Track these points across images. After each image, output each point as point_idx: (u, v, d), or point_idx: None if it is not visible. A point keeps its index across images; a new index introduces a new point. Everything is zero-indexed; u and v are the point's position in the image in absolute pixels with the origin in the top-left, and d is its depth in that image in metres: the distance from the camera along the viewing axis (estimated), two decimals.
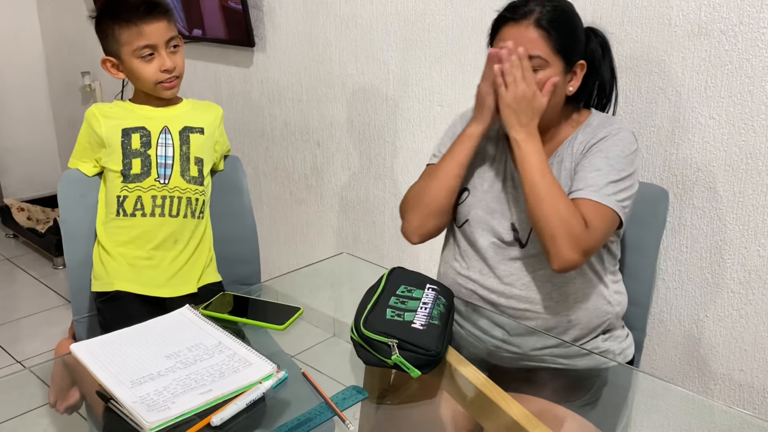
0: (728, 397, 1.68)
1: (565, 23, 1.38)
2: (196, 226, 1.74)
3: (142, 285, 1.68)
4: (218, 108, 1.82)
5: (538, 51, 1.35)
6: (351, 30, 2.29)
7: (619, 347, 1.49)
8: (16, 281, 3.35)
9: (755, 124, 1.51)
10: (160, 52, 1.63)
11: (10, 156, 3.93)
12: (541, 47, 1.35)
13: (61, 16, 3.71)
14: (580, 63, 1.42)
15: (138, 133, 1.67)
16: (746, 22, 1.48)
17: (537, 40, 1.35)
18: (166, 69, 1.64)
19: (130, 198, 1.67)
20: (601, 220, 1.35)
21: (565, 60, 1.38)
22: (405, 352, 1.16)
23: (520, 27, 1.36)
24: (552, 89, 1.37)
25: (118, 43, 1.63)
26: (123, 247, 1.69)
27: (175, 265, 1.71)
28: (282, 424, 1.08)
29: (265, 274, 1.97)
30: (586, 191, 1.35)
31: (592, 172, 1.36)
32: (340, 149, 2.47)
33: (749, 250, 1.57)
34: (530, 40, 1.35)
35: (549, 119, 1.42)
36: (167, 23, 1.64)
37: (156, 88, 1.66)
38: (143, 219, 1.67)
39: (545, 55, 1.36)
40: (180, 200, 1.70)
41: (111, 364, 1.18)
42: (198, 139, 1.72)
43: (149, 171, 1.67)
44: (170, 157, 1.69)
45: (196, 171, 1.72)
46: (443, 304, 1.31)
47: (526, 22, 1.36)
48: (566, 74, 1.40)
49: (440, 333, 1.21)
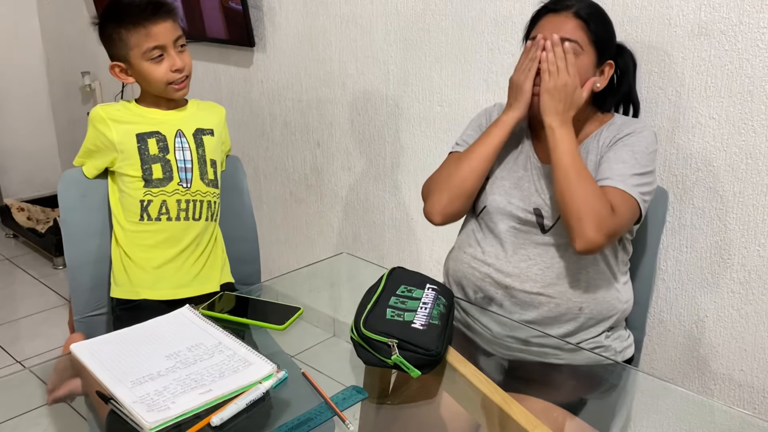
0: (728, 397, 1.68)
1: (601, 19, 1.46)
2: (214, 228, 1.76)
3: (167, 289, 1.68)
4: (221, 108, 1.81)
5: (576, 37, 1.42)
6: (351, 30, 2.29)
7: (620, 345, 1.50)
8: (16, 281, 3.35)
9: (755, 124, 1.51)
10: (169, 52, 1.62)
11: (10, 156, 3.93)
12: (578, 34, 1.42)
13: (61, 16, 3.71)
14: (610, 62, 1.48)
15: (154, 138, 1.66)
16: (746, 22, 1.48)
17: (576, 28, 1.42)
18: (176, 69, 1.62)
19: (155, 202, 1.66)
20: (626, 208, 1.38)
21: (598, 52, 1.44)
22: (405, 352, 1.16)
23: (559, 16, 1.44)
24: (591, 88, 1.43)
25: (126, 47, 1.61)
26: (148, 252, 1.68)
27: (196, 266, 1.72)
28: (282, 424, 1.08)
29: (265, 274, 1.97)
30: (614, 180, 1.39)
31: (618, 164, 1.40)
32: (340, 149, 2.47)
33: (749, 250, 1.57)
34: (569, 27, 1.42)
35: (576, 113, 1.45)
36: (173, 23, 1.63)
37: (167, 89, 1.64)
38: (169, 223, 1.67)
39: (581, 42, 1.42)
40: (202, 204, 1.70)
41: (111, 364, 1.18)
42: (210, 141, 1.72)
43: (171, 175, 1.66)
44: (189, 161, 1.68)
45: (212, 174, 1.72)
46: (443, 304, 1.31)
47: (566, 12, 1.43)
48: (597, 68, 1.46)
49: (440, 333, 1.21)
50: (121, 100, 1.79)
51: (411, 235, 2.29)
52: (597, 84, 1.46)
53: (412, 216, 2.28)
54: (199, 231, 1.71)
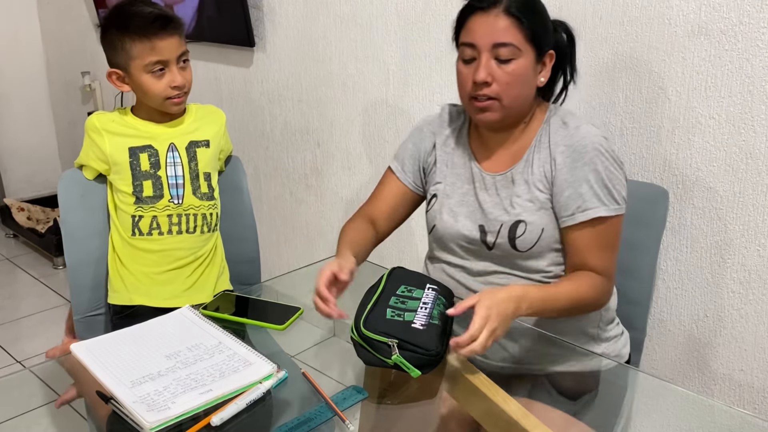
0: (728, 397, 1.68)
1: (535, 10, 1.33)
2: (213, 238, 1.75)
3: (161, 298, 1.67)
4: (222, 114, 1.79)
5: (511, 39, 1.30)
6: (351, 30, 2.29)
7: (613, 348, 1.48)
8: (16, 281, 3.35)
9: (755, 124, 1.51)
10: (171, 68, 1.59)
11: (11, 156, 3.93)
12: (513, 35, 1.30)
13: (61, 17, 3.70)
14: (550, 53, 1.38)
15: (146, 152, 1.65)
16: (746, 22, 1.48)
17: (509, 28, 1.30)
18: (176, 85, 1.60)
19: (146, 218, 1.65)
20: (615, 234, 1.36)
21: (536, 49, 1.33)
22: (405, 352, 1.16)
23: (489, 16, 1.31)
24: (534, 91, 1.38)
25: (128, 56, 1.58)
26: (142, 264, 1.68)
27: (192, 278, 1.72)
28: (282, 424, 1.08)
29: (265, 274, 1.97)
30: (595, 210, 1.33)
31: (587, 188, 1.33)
32: (340, 149, 2.47)
33: (749, 250, 1.57)
34: (501, 29, 1.30)
35: (520, 112, 1.39)
36: (179, 39, 1.60)
37: (164, 103, 1.62)
38: (161, 237, 1.67)
39: (518, 43, 1.30)
40: (195, 217, 1.69)
41: (111, 364, 1.18)
42: (205, 154, 1.71)
43: (162, 193, 1.65)
44: (180, 177, 1.67)
45: (206, 187, 1.71)
46: (443, 303, 1.31)
47: (496, 10, 1.30)
48: (537, 63, 1.35)
49: (440, 333, 1.21)
50: (120, 106, 1.78)
51: (411, 235, 2.29)
52: (541, 78, 1.37)
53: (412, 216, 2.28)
54: (195, 243, 1.70)
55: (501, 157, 1.44)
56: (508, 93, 1.33)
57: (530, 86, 1.37)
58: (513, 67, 1.32)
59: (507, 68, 1.32)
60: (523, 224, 1.37)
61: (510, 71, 1.32)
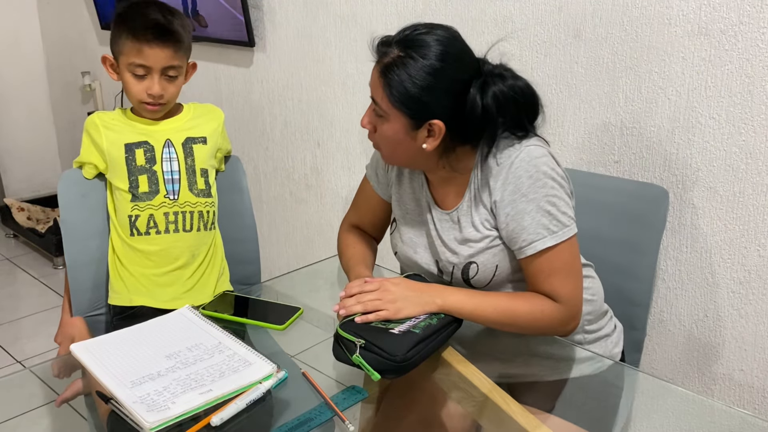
0: (728, 397, 1.68)
1: (409, 80, 1.23)
2: (209, 237, 1.75)
3: (161, 300, 1.67)
4: (220, 113, 1.80)
5: (379, 99, 1.28)
6: (351, 30, 2.29)
7: (604, 349, 1.47)
8: (16, 281, 3.35)
9: (755, 124, 1.51)
10: (153, 76, 1.60)
11: (10, 156, 3.93)
12: (380, 96, 1.27)
13: (61, 17, 3.71)
14: (437, 123, 1.26)
15: (141, 148, 1.66)
16: (746, 22, 1.48)
17: (379, 87, 1.27)
18: (152, 94, 1.61)
19: (143, 217, 1.65)
20: (569, 256, 1.30)
21: (409, 116, 1.26)
22: (370, 354, 1.14)
23: (374, 71, 1.29)
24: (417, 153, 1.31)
25: (119, 49, 1.62)
26: (142, 266, 1.68)
27: (192, 279, 1.71)
28: (282, 424, 1.08)
29: (265, 274, 1.97)
30: (542, 242, 1.28)
31: (530, 220, 1.28)
32: (340, 149, 2.47)
33: (749, 250, 1.57)
34: (376, 85, 1.28)
35: (422, 166, 1.39)
36: (173, 52, 1.59)
37: (139, 105, 1.65)
38: (158, 236, 1.67)
39: (384, 107, 1.27)
40: (192, 214, 1.69)
41: (111, 364, 1.18)
42: (201, 150, 1.71)
43: (157, 188, 1.66)
44: (176, 172, 1.68)
45: (203, 183, 1.71)
46: (438, 318, 1.26)
47: (379, 66, 1.28)
48: (414, 129, 1.28)
49: (415, 342, 1.17)
50: (120, 106, 1.79)
51: None
52: (424, 145, 1.28)
53: None
54: (193, 242, 1.70)
55: (449, 194, 1.41)
56: (385, 148, 1.35)
57: (409, 148, 1.31)
58: (383, 128, 1.30)
59: (380, 127, 1.31)
60: (474, 265, 1.36)
61: (379, 131, 1.32)
